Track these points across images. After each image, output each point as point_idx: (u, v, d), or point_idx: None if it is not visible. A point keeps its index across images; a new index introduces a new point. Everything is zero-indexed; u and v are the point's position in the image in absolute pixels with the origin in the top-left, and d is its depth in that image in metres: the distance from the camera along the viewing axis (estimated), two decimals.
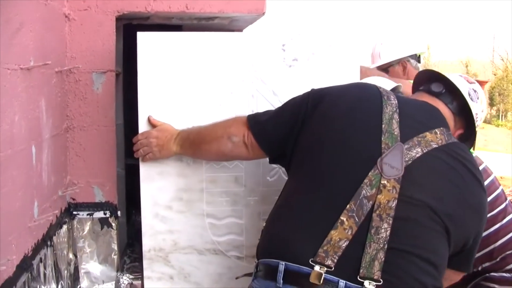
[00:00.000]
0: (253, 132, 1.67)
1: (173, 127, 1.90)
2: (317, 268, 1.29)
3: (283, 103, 1.72)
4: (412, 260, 1.34)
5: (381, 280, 1.29)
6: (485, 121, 12.25)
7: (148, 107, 1.93)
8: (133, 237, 2.67)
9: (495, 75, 32.78)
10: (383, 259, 1.30)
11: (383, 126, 1.42)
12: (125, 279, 2.19)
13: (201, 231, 1.99)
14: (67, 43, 2.09)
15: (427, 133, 1.46)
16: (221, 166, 1.98)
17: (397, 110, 1.47)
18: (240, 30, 2.58)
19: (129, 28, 2.39)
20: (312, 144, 1.50)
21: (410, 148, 1.41)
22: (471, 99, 1.71)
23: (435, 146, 1.44)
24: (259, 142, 1.66)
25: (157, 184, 1.95)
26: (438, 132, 1.49)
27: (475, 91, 1.73)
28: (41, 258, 1.71)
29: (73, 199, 2.15)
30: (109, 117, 2.16)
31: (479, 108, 1.74)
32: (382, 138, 1.40)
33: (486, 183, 1.98)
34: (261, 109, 1.87)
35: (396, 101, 1.51)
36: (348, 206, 1.33)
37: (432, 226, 1.38)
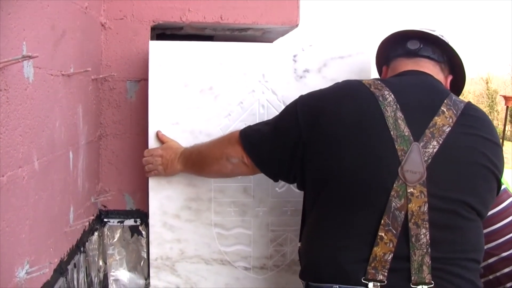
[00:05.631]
0: (249, 155, 1.63)
1: (179, 145, 1.90)
2: (371, 285, 1.33)
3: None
4: (455, 264, 1.38)
5: (432, 282, 1.34)
6: (506, 139, 12.07)
7: (158, 116, 1.93)
8: None
9: None
10: (430, 262, 1.34)
11: (392, 133, 1.36)
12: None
13: (208, 241, 1.99)
14: (102, 51, 2.12)
15: (436, 118, 1.40)
16: None
17: (398, 106, 1.40)
18: (271, 42, 2.58)
19: (162, 39, 2.42)
20: (327, 167, 1.43)
21: (425, 145, 1.37)
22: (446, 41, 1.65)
23: (448, 130, 1.39)
24: (259, 166, 1.64)
25: (166, 193, 1.95)
26: (445, 110, 1.42)
27: (441, 35, 1.66)
28: (75, 264, 1.72)
29: (104, 206, 2.16)
30: (142, 126, 2.17)
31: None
32: (396, 146, 1.35)
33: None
34: None
35: (393, 96, 1.43)
36: (382, 221, 1.33)
37: (467, 219, 1.40)
